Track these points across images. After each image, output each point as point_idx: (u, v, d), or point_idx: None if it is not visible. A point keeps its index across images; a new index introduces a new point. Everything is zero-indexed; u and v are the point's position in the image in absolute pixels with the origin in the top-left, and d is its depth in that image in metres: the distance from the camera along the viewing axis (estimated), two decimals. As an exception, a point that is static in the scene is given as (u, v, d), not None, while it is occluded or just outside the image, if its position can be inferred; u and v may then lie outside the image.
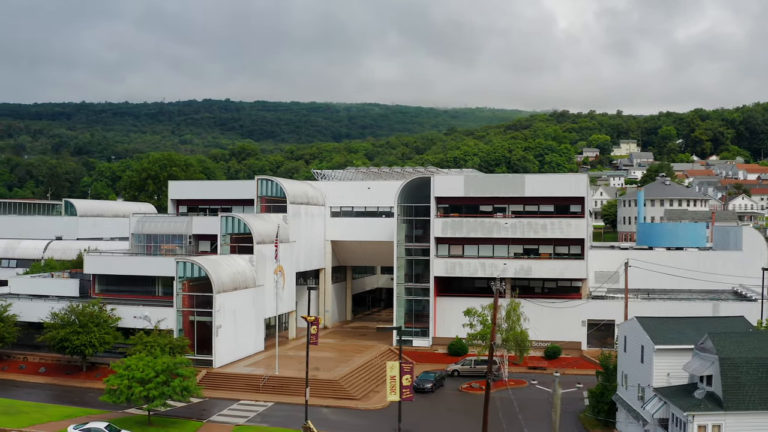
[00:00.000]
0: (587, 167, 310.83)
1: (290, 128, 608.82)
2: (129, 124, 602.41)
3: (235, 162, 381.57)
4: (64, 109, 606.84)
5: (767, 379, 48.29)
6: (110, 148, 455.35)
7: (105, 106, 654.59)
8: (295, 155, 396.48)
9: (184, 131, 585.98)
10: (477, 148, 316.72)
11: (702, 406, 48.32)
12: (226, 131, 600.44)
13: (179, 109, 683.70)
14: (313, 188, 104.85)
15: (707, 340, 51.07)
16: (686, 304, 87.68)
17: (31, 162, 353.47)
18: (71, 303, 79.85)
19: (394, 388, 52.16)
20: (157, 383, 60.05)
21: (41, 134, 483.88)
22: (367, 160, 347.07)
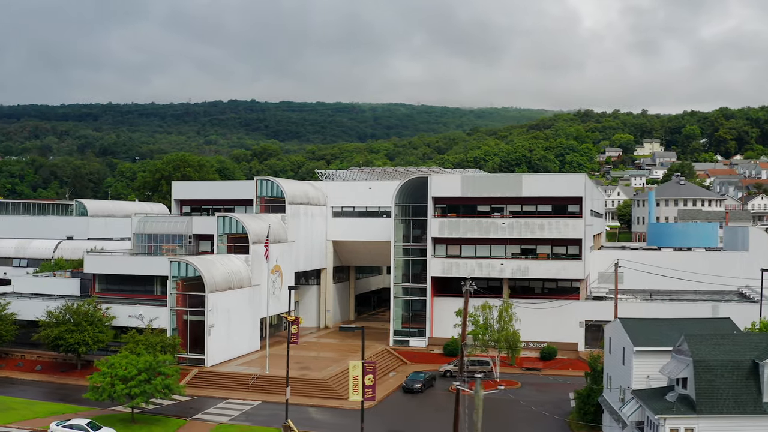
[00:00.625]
0: (609, 167, 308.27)
1: (315, 128, 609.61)
2: (155, 124, 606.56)
3: (257, 162, 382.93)
4: (91, 110, 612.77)
5: (743, 383, 47.59)
6: (135, 149, 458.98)
7: (131, 107, 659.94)
8: (316, 155, 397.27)
9: (209, 132, 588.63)
10: (498, 148, 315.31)
11: (674, 409, 47.70)
12: (251, 132, 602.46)
13: (205, 109, 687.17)
14: (314, 188, 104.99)
15: (683, 343, 50.39)
16: (686, 305, 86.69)
17: (55, 163, 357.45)
18: (66, 302, 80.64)
19: (356, 388, 52.02)
20: (139, 381, 60.52)
21: (67, 135, 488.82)
22: (388, 161, 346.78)
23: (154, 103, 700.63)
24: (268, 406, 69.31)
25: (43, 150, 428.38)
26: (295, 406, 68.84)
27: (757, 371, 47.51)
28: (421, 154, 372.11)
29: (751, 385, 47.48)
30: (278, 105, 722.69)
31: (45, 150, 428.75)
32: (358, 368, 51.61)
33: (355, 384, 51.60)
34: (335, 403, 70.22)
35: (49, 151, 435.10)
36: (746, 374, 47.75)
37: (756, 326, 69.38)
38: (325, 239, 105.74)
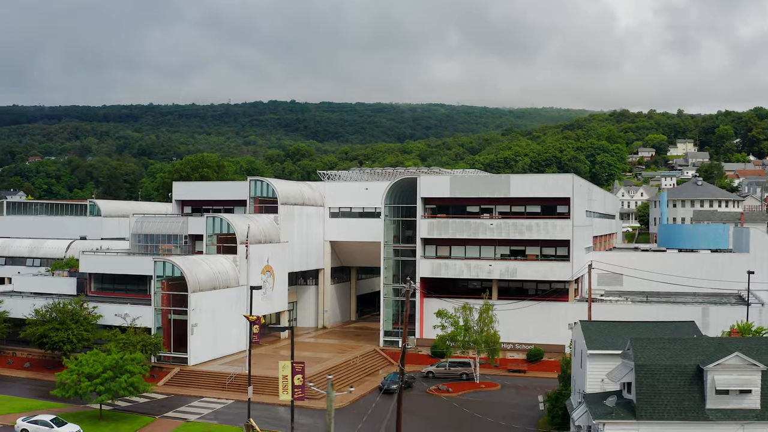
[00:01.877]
0: (642, 167, 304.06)
1: (354, 129, 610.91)
2: (194, 125, 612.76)
3: (290, 163, 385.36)
4: (132, 111, 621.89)
5: (686, 388, 46.77)
6: (173, 150, 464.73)
7: (172, 108, 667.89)
8: (349, 156, 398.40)
9: (248, 132, 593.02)
10: (528, 149, 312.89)
11: (614, 414, 47.02)
12: (290, 132, 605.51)
13: (245, 110, 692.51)
14: (311, 189, 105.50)
15: (630, 346, 49.63)
16: (675, 307, 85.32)
17: (92, 163, 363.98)
18: (54, 300, 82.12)
19: (285, 388, 52.20)
20: (104, 378, 61.37)
21: (107, 136, 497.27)
22: (419, 161, 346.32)
23: (194, 104, 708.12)
24: (240, 405, 69.75)
25: (83, 151, 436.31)
26: (267, 405, 69.62)
27: (702, 377, 46.65)
28: (453, 155, 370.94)
29: (694, 390, 46.62)
30: (318, 106, 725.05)
31: (84, 151, 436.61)
32: (287, 368, 51.81)
33: (285, 384, 51.78)
34: (307, 403, 70.27)
35: (88, 151, 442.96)
36: (690, 380, 46.90)
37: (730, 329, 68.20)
38: (322, 240, 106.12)
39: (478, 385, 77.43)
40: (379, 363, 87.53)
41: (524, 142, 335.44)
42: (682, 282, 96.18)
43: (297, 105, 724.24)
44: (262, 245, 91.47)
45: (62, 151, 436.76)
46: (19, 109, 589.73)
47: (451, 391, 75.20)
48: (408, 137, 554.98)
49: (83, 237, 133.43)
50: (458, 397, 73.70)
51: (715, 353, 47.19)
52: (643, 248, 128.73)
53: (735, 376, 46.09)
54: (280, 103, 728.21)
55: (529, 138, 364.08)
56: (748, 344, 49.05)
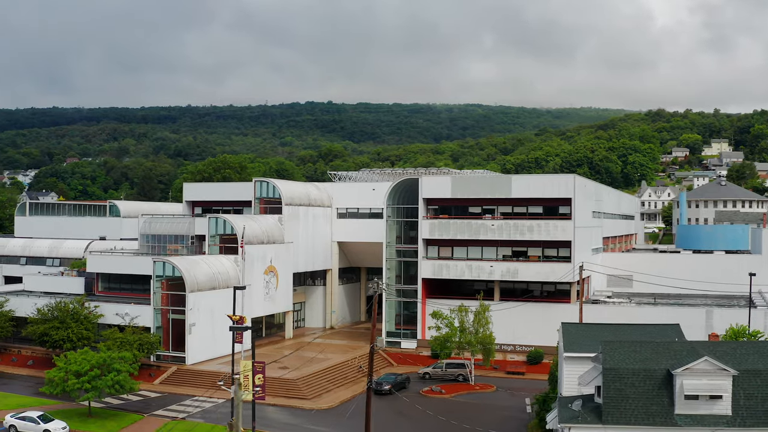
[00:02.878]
0: (675, 167, 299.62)
1: (391, 129, 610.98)
2: (232, 126, 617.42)
3: (322, 164, 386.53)
4: (170, 113, 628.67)
5: (655, 392, 45.85)
6: (209, 151, 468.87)
7: (209, 109, 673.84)
8: (381, 156, 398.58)
9: (285, 133, 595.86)
10: (560, 149, 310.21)
11: (580, 419, 46.33)
12: (326, 133, 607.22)
13: (282, 111, 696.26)
14: (318, 190, 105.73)
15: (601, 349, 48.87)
16: (678, 309, 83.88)
17: (127, 164, 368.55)
18: (56, 300, 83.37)
19: (247, 387, 52.24)
20: (91, 376, 62.11)
21: (145, 137, 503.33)
22: (451, 162, 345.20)
23: (232, 105, 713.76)
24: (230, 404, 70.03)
25: (120, 152, 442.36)
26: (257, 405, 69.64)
27: (671, 381, 45.73)
28: (485, 156, 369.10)
29: (663, 395, 45.70)
30: (355, 106, 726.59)
31: (122, 152, 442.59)
32: (248, 367, 51.91)
33: (246, 383, 51.87)
34: (297, 404, 70.65)
35: (126, 153, 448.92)
36: (659, 384, 45.98)
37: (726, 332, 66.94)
38: (330, 240, 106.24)
39: (473, 387, 76.89)
40: (379, 364, 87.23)
41: (556, 142, 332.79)
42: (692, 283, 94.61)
43: (334, 106, 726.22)
44: (264, 246, 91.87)
45: (100, 152, 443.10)
46: (59, 111, 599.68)
47: (444, 392, 74.81)
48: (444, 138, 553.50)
49: (102, 237, 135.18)
50: (451, 398, 73.30)
51: (686, 357, 46.26)
52: (661, 249, 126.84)
53: (704, 381, 45.08)
54: (317, 104, 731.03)
55: (562, 138, 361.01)
56: (722, 348, 47.98)
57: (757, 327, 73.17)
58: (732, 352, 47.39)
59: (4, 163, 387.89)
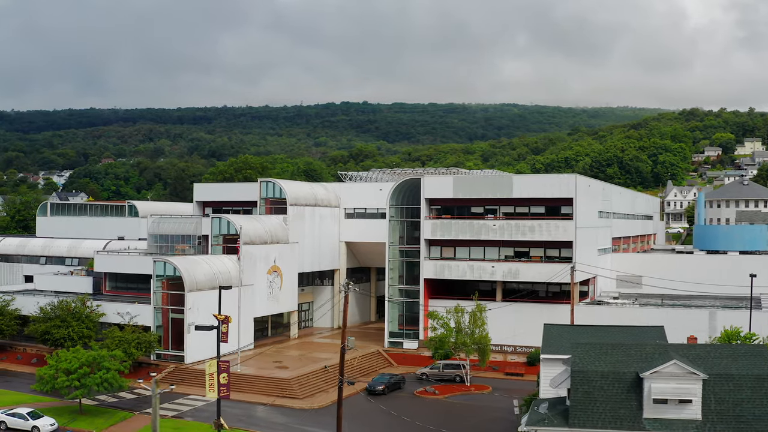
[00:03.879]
0: (708, 167, 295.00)
1: (425, 129, 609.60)
2: (267, 127, 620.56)
3: (353, 164, 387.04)
4: (205, 114, 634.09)
5: (623, 396, 45.28)
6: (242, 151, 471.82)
7: (245, 110, 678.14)
8: (412, 157, 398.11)
9: (319, 134, 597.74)
10: (590, 149, 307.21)
11: (546, 421, 45.85)
12: (361, 133, 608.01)
13: (317, 112, 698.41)
14: (325, 190, 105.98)
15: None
16: (682, 311, 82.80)
17: (160, 165, 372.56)
18: (60, 298, 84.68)
19: (212, 386, 52.49)
20: (80, 374, 62.95)
21: (180, 138, 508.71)
22: (480, 162, 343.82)
23: (267, 105, 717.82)
24: (225, 403, 70.11)
25: (155, 152, 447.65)
26: (248, 404, 70.26)
27: (641, 384, 45.03)
28: (516, 155, 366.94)
29: (632, 398, 45.10)
30: (390, 106, 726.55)
31: (157, 152, 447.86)
32: (213, 366, 52.15)
33: (211, 382, 52.13)
34: (289, 403, 70.86)
35: (161, 153, 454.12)
36: (628, 387, 45.38)
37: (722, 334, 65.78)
38: (337, 240, 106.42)
39: (468, 388, 76.48)
40: (379, 364, 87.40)
41: (586, 142, 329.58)
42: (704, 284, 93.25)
43: (369, 106, 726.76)
44: (268, 246, 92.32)
45: (135, 152, 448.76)
46: (96, 112, 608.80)
47: (438, 393, 74.54)
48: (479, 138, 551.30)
49: (121, 237, 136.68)
50: (444, 399, 73.00)
51: (657, 360, 45.51)
52: (678, 250, 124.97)
53: (673, 384, 44.37)
54: (352, 104, 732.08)
55: (594, 138, 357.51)
56: (696, 352, 47.14)
57: (761, 329, 71.74)
58: (705, 356, 46.57)
59: (39, 164, 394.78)
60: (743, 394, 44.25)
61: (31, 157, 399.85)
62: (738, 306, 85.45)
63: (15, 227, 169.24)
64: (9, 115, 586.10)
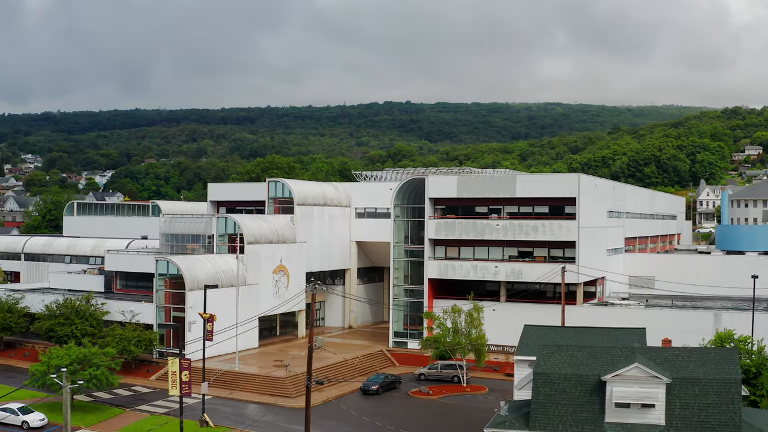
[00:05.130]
0: (748, 166, 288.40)
1: (468, 129, 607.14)
2: (310, 127, 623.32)
3: (391, 164, 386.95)
4: (249, 114, 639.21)
5: (586, 399, 44.66)
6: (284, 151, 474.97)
7: (288, 110, 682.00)
8: (450, 156, 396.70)
9: (362, 133, 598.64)
10: (627, 147, 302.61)
11: (507, 423, 45.29)
12: (403, 133, 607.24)
13: (360, 111, 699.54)
14: (335, 190, 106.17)
15: (540, 353, 47.62)
16: (687, 312, 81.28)
17: (200, 165, 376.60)
18: (66, 296, 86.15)
19: (174, 384, 52.82)
20: (70, 371, 63.84)
21: (224, 138, 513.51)
22: (517, 161, 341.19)
23: (311, 105, 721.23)
24: (217, 401, 71.18)
25: (198, 153, 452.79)
26: (240, 402, 70.80)
27: (603, 388, 44.23)
28: (555, 155, 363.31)
29: (594, 402, 44.43)
30: (433, 106, 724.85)
31: (199, 152, 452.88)
32: (175, 364, 52.47)
33: (174, 379, 52.47)
34: (281, 402, 71.12)
35: (204, 153, 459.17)
36: (591, 390, 44.70)
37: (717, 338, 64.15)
38: (348, 240, 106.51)
39: (464, 389, 75.96)
40: (381, 364, 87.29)
41: (624, 141, 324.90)
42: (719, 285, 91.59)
43: (412, 106, 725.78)
44: (274, 245, 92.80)
45: (178, 153, 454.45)
46: (140, 113, 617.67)
47: (432, 393, 74.17)
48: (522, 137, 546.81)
49: (144, 236, 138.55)
50: (437, 400, 72.64)
51: (622, 363, 44.63)
52: (700, 250, 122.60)
53: (635, 388, 43.53)
54: (395, 104, 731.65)
55: (634, 136, 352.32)
56: (664, 355, 46.16)
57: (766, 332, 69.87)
58: (674, 359, 45.60)
59: (83, 164, 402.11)
60: (709, 398, 43.23)
61: (74, 158, 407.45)
62: (747, 308, 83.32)
63: (46, 227, 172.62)
64: (55, 116, 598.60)
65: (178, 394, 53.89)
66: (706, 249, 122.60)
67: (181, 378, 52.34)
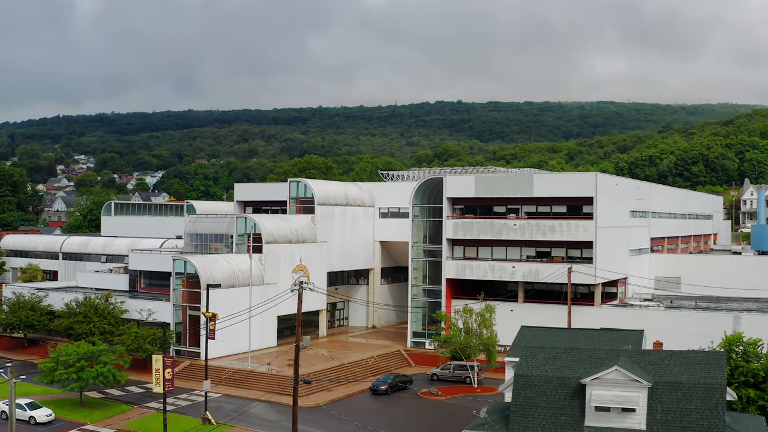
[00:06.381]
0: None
1: (520, 128, 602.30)
2: (360, 127, 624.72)
3: (437, 163, 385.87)
4: (300, 114, 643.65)
5: (567, 402, 43.81)
6: (333, 151, 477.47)
7: (340, 110, 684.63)
8: (497, 156, 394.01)
9: (412, 133, 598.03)
10: (675, 146, 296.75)
11: (486, 426, 44.66)
12: (455, 133, 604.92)
13: (411, 111, 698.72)
14: (359, 189, 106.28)
15: (524, 354, 46.88)
16: (705, 314, 79.52)
17: (249, 165, 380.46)
18: (86, 295, 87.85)
19: (158, 381, 53.21)
20: (77, 368, 65.25)
21: (275, 138, 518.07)
22: (563, 161, 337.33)
23: (362, 105, 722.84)
24: (226, 399, 71.93)
25: (249, 153, 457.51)
26: (246, 401, 71.14)
27: (584, 390, 43.34)
28: (602, 154, 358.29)
29: (575, 405, 43.54)
30: (485, 105, 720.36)
31: (250, 153, 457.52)
32: (159, 362, 52.88)
33: (157, 377, 52.90)
34: (287, 401, 70.99)
35: (255, 154, 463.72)
36: (572, 393, 43.82)
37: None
38: (372, 240, 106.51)
39: (474, 390, 75.33)
40: (397, 364, 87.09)
41: (672, 139, 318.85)
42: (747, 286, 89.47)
43: (463, 105, 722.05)
44: (293, 245, 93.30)
45: (229, 153, 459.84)
46: (193, 114, 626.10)
47: (440, 394, 73.72)
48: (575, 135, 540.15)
49: (179, 236, 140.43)
50: (445, 401, 72.20)
51: (604, 366, 43.68)
52: (734, 251, 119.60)
53: (615, 392, 42.56)
54: (446, 103, 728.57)
55: (684, 135, 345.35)
56: (649, 358, 45.07)
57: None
58: (659, 362, 44.54)
59: (134, 165, 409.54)
60: (692, 404, 42.07)
61: (126, 158, 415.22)
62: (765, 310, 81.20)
63: (87, 226, 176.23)
64: (108, 117, 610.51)
65: (162, 392, 54.32)
66: (741, 249, 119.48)
67: (165, 375, 52.79)
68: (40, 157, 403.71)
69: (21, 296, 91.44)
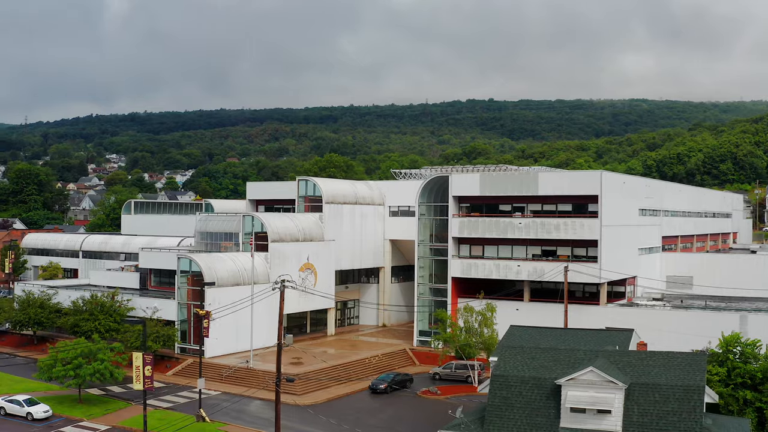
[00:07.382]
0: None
1: (551, 126, 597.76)
2: (392, 125, 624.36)
3: (466, 161, 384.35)
4: (332, 113, 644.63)
5: (543, 403, 43.53)
6: (363, 149, 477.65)
7: (371, 108, 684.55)
8: (526, 154, 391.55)
9: (443, 132, 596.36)
10: (704, 144, 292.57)
11: (462, 427, 44.29)
12: (486, 131, 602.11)
13: (442, 109, 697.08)
14: (368, 188, 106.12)
15: (504, 354, 46.43)
16: (711, 314, 78.22)
17: (278, 164, 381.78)
18: (93, 293, 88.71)
19: (138, 378, 53.35)
20: (75, 365, 65.89)
21: (305, 137, 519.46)
22: (591, 159, 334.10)
23: (393, 104, 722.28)
24: (225, 396, 72.11)
25: (279, 151, 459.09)
26: (245, 398, 71.35)
27: (560, 391, 42.82)
28: (631, 152, 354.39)
29: (550, 406, 43.19)
30: (516, 104, 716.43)
31: (281, 151, 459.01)
32: (139, 359, 53.03)
33: (138, 374, 53.09)
34: (286, 399, 71.20)
35: (285, 152, 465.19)
36: (548, 394, 43.48)
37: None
38: (382, 238, 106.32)
39: (474, 389, 74.62)
40: (401, 362, 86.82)
41: (701, 137, 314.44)
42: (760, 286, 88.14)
43: (494, 103, 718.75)
44: (299, 243, 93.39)
45: (260, 152, 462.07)
46: (224, 113, 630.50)
47: (440, 393, 73.37)
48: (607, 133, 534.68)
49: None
50: (443, 400, 71.72)
51: (581, 367, 43.11)
52: (752, 249, 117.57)
53: (590, 393, 42.06)
54: (477, 101, 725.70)
55: (714, 132, 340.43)
56: (627, 359, 44.45)
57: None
58: (637, 364, 43.95)
59: (165, 164, 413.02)
60: (669, 405, 41.41)
61: (157, 157, 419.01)
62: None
63: (110, 225, 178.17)
64: (141, 116, 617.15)
65: (142, 389, 54.54)
66: (758, 248, 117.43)
67: (144, 372, 53.00)
68: (72, 157, 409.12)
69: (30, 294, 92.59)
